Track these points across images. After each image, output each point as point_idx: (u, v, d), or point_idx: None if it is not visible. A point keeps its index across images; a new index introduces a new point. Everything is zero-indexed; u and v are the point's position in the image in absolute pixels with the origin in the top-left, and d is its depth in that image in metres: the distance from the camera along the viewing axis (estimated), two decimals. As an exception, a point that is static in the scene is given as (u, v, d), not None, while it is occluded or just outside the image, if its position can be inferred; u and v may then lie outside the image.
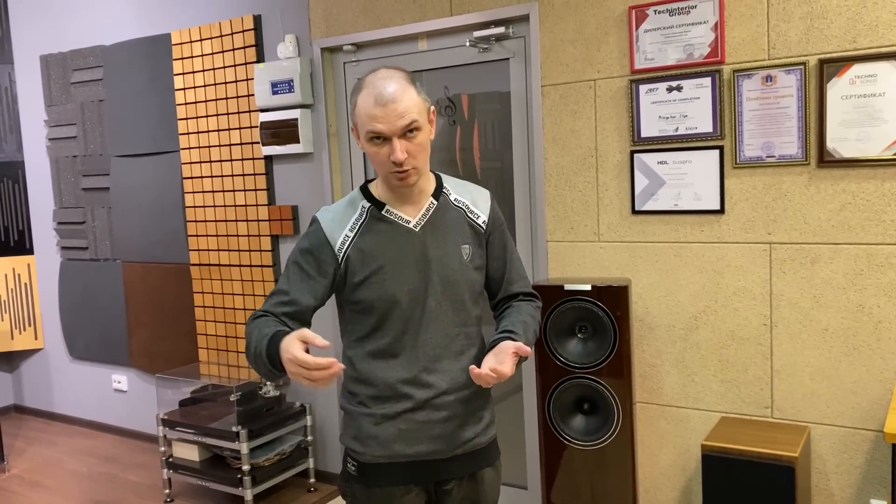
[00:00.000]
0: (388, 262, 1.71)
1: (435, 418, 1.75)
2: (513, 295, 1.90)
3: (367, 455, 1.76)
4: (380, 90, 1.62)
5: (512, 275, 1.90)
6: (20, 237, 5.15)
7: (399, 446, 1.74)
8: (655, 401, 2.93)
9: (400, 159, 1.62)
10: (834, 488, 2.63)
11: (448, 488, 1.80)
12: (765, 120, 2.59)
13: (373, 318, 1.72)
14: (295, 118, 3.65)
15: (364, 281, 1.71)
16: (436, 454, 1.76)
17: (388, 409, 1.73)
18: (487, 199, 1.87)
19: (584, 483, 2.82)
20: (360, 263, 1.71)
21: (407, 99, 1.63)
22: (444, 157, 3.45)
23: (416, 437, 1.74)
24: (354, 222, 1.74)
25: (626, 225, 2.91)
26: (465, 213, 1.82)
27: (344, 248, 1.72)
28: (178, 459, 3.82)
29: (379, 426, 1.74)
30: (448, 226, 1.78)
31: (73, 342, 4.97)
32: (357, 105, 1.66)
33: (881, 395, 2.52)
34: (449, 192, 1.82)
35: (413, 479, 1.77)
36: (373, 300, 1.71)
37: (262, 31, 3.84)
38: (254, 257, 3.98)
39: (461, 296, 1.77)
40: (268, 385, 3.77)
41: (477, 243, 1.81)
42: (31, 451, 4.66)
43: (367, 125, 1.63)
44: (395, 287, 1.70)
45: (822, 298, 2.58)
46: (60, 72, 4.77)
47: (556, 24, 2.96)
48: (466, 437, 1.79)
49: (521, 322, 1.79)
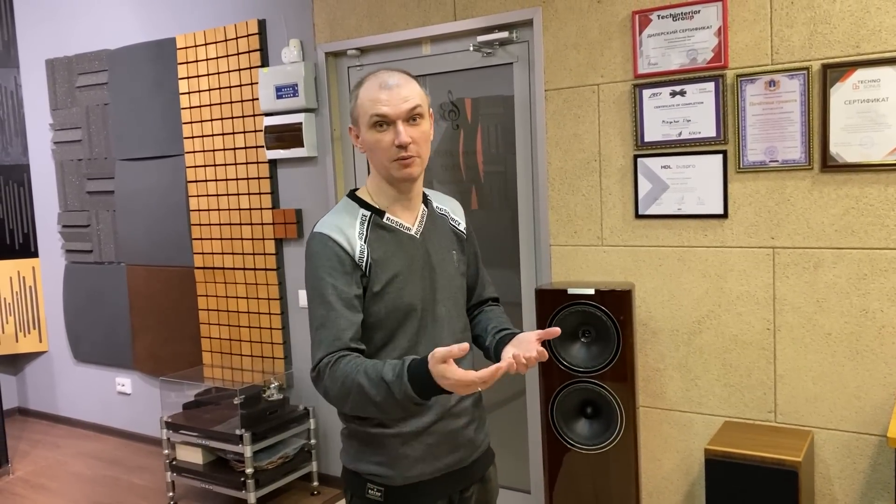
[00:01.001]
0: (400, 270, 1.67)
1: (457, 426, 1.73)
2: (484, 300, 1.95)
3: (398, 479, 1.67)
4: (383, 79, 1.63)
5: (484, 280, 1.95)
6: (25, 240, 5.17)
7: (430, 463, 1.69)
8: (659, 405, 2.93)
9: (405, 141, 1.61)
10: (837, 493, 2.62)
11: (469, 494, 1.79)
12: (768, 125, 2.59)
13: (386, 328, 1.66)
14: (299, 122, 3.67)
15: (381, 291, 1.64)
16: (461, 462, 1.75)
17: (413, 425, 1.67)
18: (460, 207, 1.91)
19: (587, 487, 2.82)
20: (378, 273, 1.65)
21: (410, 87, 1.64)
22: (447, 162, 3.45)
23: (444, 449, 1.71)
24: (360, 232, 1.67)
25: (630, 229, 2.91)
26: (448, 221, 1.84)
27: (365, 257, 1.64)
28: (181, 462, 3.83)
29: (407, 445, 1.67)
30: (440, 232, 1.79)
31: (78, 345, 4.99)
32: (359, 96, 1.65)
33: (885, 399, 2.52)
34: (432, 200, 1.83)
35: (442, 494, 1.73)
36: (388, 311, 1.65)
37: (266, 36, 3.85)
38: (258, 261, 3.99)
39: (460, 301, 1.80)
40: (271, 388, 3.78)
41: (461, 250, 1.84)
42: (35, 454, 4.67)
43: (371, 109, 1.62)
44: (411, 296, 1.67)
45: (825, 303, 2.58)
46: (66, 76, 4.79)
47: (560, 29, 2.97)
48: (480, 440, 1.81)
49: (510, 325, 1.84)
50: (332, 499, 3.78)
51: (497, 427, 3.42)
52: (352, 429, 1.72)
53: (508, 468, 3.38)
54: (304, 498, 3.82)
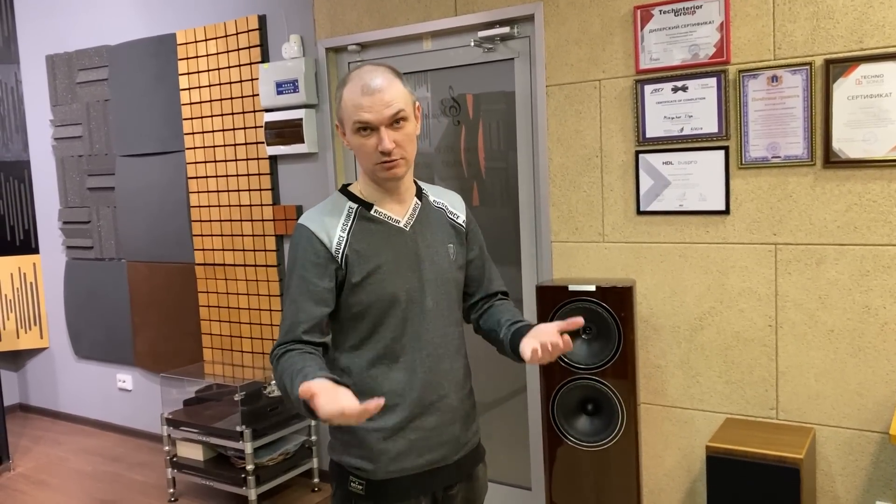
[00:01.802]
0: (384, 261, 1.68)
1: (442, 422, 1.72)
2: (493, 294, 1.93)
3: (380, 472, 1.69)
4: (366, 81, 1.61)
5: (491, 273, 1.93)
6: (26, 236, 5.16)
7: (412, 458, 1.69)
8: (660, 402, 2.92)
9: (388, 148, 1.61)
10: (839, 490, 2.62)
11: (453, 492, 1.79)
12: (770, 120, 2.58)
13: (368, 321, 1.68)
14: (300, 118, 3.66)
15: (362, 282, 1.66)
16: (445, 460, 1.74)
17: (396, 419, 1.67)
18: (461, 200, 1.91)
19: (588, 484, 2.82)
20: (358, 264, 1.66)
21: (393, 90, 1.63)
22: (448, 158, 3.44)
23: (427, 445, 1.71)
24: (344, 223, 1.69)
25: (631, 225, 2.90)
26: (445, 214, 1.84)
27: (341, 249, 1.66)
28: (182, 459, 3.83)
29: (389, 440, 1.68)
30: (434, 226, 1.79)
31: (79, 341, 4.99)
32: (343, 98, 1.65)
33: (887, 396, 2.51)
34: (428, 194, 1.83)
35: (423, 490, 1.72)
36: (371, 301, 1.66)
37: (266, 32, 3.84)
38: (258, 257, 3.99)
39: (452, 295, 1.79)
40: (272, 385, 3.78)
41: (459, 242, 1.83)
42: (36, 450, 4.67)
43: (353, 115, 1.62)
44: (394, 286, 1.68)
45: (827, 299, 2.57)
46: (66, 71, 4.78)
47: (561, 25, 2.95)
48: (467, 438, 1.80)
49: (522, 318, 1.82)
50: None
51: (498, 424, 3.42)
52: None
53: (509, 465, 3.38)
54: (305, 494, 3.82)
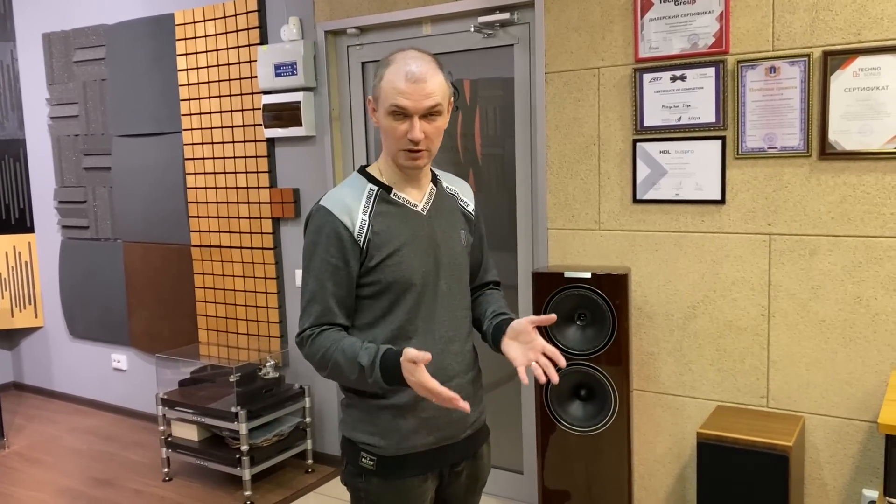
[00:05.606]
0: (404, 243, 1.70)
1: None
2: (486, 283, 1.98)
3: (391, 449, 1.72)
4: (411, 67, 1.62)
5: (487, 264, 1.99)
6: (21, 215, 5.15)
7: (422, 436, 1.73)
8: (652, 389, 2.95)
9: (418, 137, 1.64)
10: (827, 478, 2.65)
11: (459, 469, 1.83)
12: (767, 111, 2.60)
13: (384, 301, 1.70)
14: (298, 101, 3.65)
15: (381, 263, 1.68)
16: (453, 438, 1.78)
17: (408, 398, 1.68)
18: (470, 189, 1.94)
19: (580, 469, 2.85)
20: (378, 246, 1.68)
21: (435, 82, 1.65)
22: (445, 143, 3.44)
23: (437, 424, 1.74)
24: (365, 206, 1.70)
25: (627, 213, 2.92)
26: (457, 201, 1.88)
27: (364, 233, 1.68)
28: (176, 439, 3.85)
29: (401, 417, 1.71)
30: (447, 212, 1.82)
31: (73, 321, 4.99)
32: (384, 78, 1.65)
33: (876, 386, 2.54)
34: (441, 181, 1.87)
35: (431, 466, 1.77)
36: (389, 282, 1.68)
37: (265, 13, 3.82)
38: (255, 239, 3.99)
39: (464, 279, 1.83)
40: (267, 366, 3.80)
41: (468, 230, 1.87)
42: (30, 429, 4.69)
43: (391, 98, 1.63)
44: (412, 269, 1.70)
45: (820, 290, 2.59)
46: (63, 50, 4.75)
47: (562, 12, 2.95)
48: (474, 417, 1.83)
49: (507, 310, 1.89)
50: (327, 477, 3.81)
51: (492, 408, 3.44)
52: (350, 399, 1.78)
53: (502, 449, 3.41)
54: (299, 475, 3.85)
